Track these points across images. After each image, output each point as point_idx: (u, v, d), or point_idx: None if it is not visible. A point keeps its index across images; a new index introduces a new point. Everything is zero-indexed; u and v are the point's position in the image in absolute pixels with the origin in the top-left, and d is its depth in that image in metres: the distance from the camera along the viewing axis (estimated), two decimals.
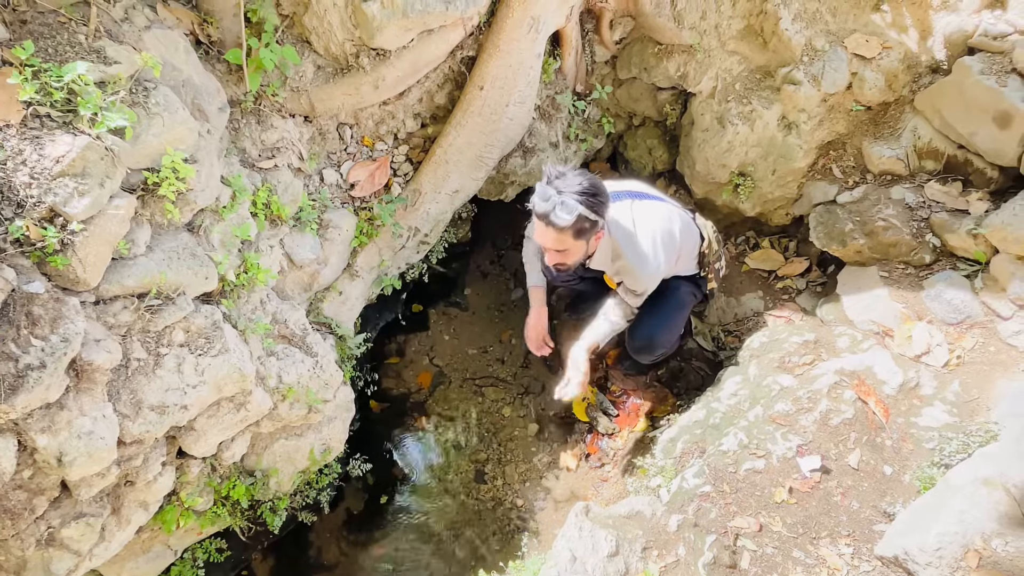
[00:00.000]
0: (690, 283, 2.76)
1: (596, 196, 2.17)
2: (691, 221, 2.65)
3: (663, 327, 2.72)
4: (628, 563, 1.98)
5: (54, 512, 1.79)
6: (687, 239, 2.59)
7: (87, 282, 1.69)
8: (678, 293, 2.73)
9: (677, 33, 3.02)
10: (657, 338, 2.73)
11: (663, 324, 2.72)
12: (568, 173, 2.18)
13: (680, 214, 2.58)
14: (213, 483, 2.34)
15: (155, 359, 1.87)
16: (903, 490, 2.08)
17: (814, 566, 1.94)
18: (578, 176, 2.17)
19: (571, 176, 2.17)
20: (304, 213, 2.57)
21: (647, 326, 2.72)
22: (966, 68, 2.54)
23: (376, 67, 2.56)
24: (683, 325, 2.83)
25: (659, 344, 2.75)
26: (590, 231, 2.22)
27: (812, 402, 2.32)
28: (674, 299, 2.72)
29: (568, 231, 2.17)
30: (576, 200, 2.12)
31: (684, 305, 2.76)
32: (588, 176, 2.19)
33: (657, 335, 2.72)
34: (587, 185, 2.15)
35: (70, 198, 1.58)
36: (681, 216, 2.58)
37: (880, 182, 2.82)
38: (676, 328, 2.77)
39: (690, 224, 2.63)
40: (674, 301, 2.73)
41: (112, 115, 1.65)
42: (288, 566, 2.92)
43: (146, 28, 1.94)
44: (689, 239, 2.61)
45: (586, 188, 2.14)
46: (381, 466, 3.18)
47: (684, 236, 2.55)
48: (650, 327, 2.72)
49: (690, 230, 2.61)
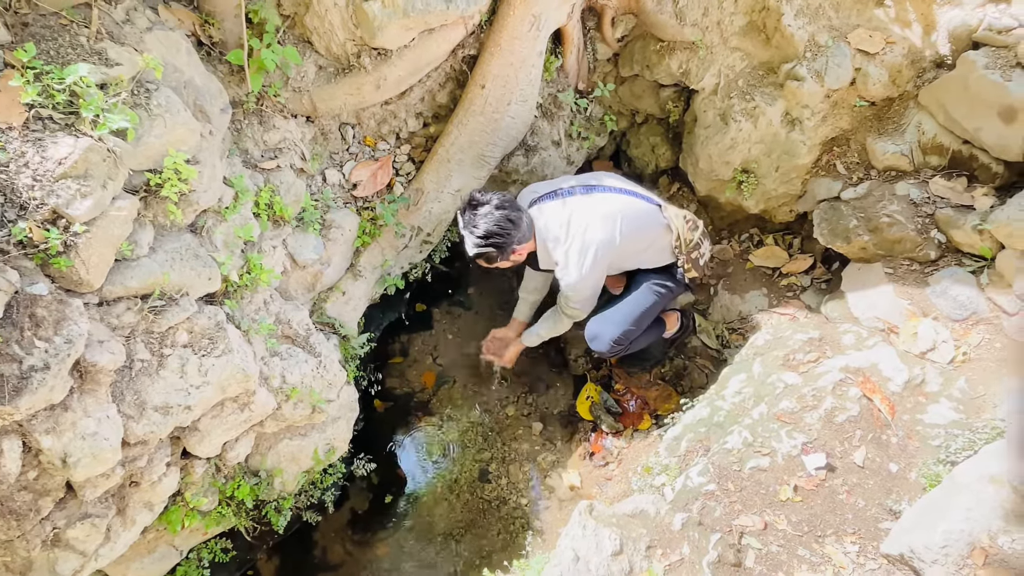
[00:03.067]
0: (660, 274, 2.77)
1: (495, 237, 2.44)
2: (655, 212, 2.65)
3: (611, 320, 2.73)
4: (632, 562, 1.98)
5: (59, 513, 1.80)
6: (642, 234, 2.61)
7: (90, 283, 1.70)
8: (640, 287, 2.75)
9: (679, 30, 3.01)
10: (605, 332, 2.73)
11: (612, 317, 2.73)
12: (481, 206, 2.45)
13: (635, 207, 2.60)
14: (218, 483, 2.34)
15: (159, 360, 1.88)
16: (909, 488, 2.07)
17: (819, 564, 1.94)
18: (488, 211, 2.44)
19: (482, 211, 2.45)
20: (307, 213, 2.58)
21: (596, 318, 2.77)
22: (971, 63, 2.52)
23: (378, 67, 2.56)
24: (644, 320, 2.78)
25: (607, 338, 2.72)
26: (499, 257, 2.52)
27: (817, 400, 2.31)
28: (633, 293, 2.74)
29: (479, 259, 2.54)
30: (475, 242, 2.46)
31: (644, 299, 2.75)
32: (499, 210, 2.44)
33: (605, 329, 2.73)
34: (490, 228, 2.43)
35: (72, 200, 1.58)
36: (635, 208, 2.60)
37: (884, 178, 2.80)
38: (628, 322, 2.72)
39: (652, 217, 2.64)
40: (633, 296, 2.74)
41: (114, 117, 1.66)
42: (293, 566, 2.93)
43: (147, 30, 1.94)
44: (647, 233, 2.63)
45: (488, 231, 2.43)
46: (385, 466, 3.18)
47: (636, 232, 2.57)
48: (599, 319, 2.77)
49: (650, 222, 2.63)
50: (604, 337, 2.73)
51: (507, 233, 2.45)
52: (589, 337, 2.78)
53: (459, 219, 2.52)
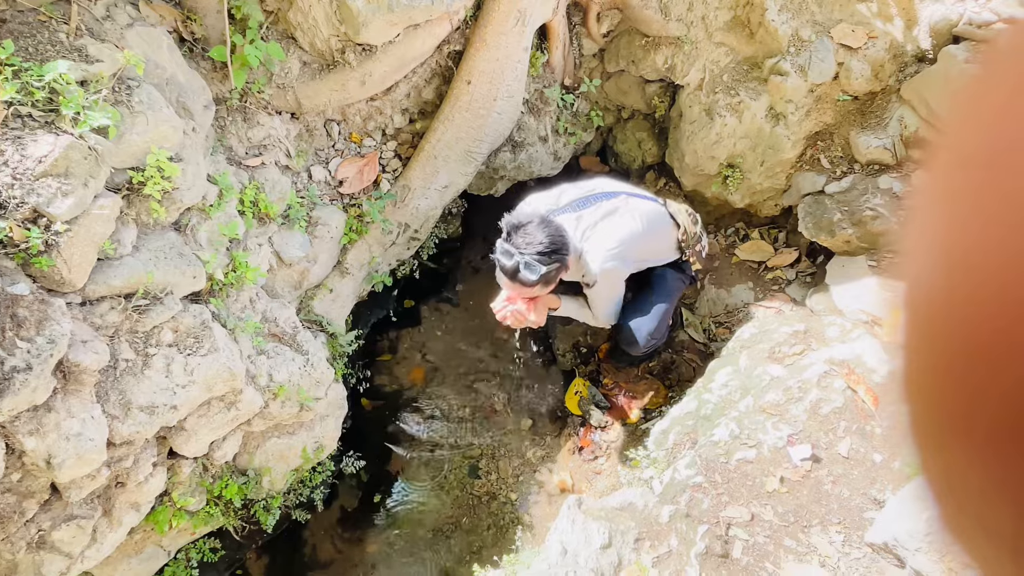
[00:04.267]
0: (674, 269, 2.78)
1: (557, 251, 2.26)
2: (660, 210, 2.66)
3: (650, 318, 2.72)
4: (621, 555, 1.99)
5: (44, 515, 1.78)
6: (656, 231, 2.61)
7: (73, 283, 1.68)
8: (663, 282, 2.74)
9: (664, 25, 3.02)
10: (643, 329, 2.72)
11: (650, 315, 2.72)
12: (527, 226, 2.26)
13: (646, 206, 2.60)
14: (205, 483, 2.33)
15: (143, 359, 1.87)
16: (893, 477, 2.09)
17: (805, 554, 1.96)
18: (537, 230, 2.24)
19: (531, 231, 2.25)
20: (292, 211, 2.56)
21: (633, 318, 2.73)
22: (951, 57, 2.55)
23: (362, 63, 2.54)
24: (671, 313, 2.81)
25: (645, 335, 2.73)
26: (556, 276, 2.34)
27: (802, 392, 2.34)
28: (660, 289, 2.73)
29: (536, 285, 2.28)
30: (538, 261, 2.23)
31: (671, 292, 2.76)
32: (546, 226, 2.26)
33: (644, 326, 2.72)
34: (547, 242, 2.23)
35: (53, 198, 1.57)
36: (647, 208, 2.60)
37: (868, 172, 2.83)
38: (663, 317, 2.75)
39: (659, 213, 2.64)
40: (660, 291, 2.74)
41: (95, 114, 1.64)
42: (283, 564, 2.92)
43: (128, 26, 1.92)
44: (660, 230, 2.63)
45: (547, 246, 2.23)
46: (375, 463, 3.18)
47: (651, 229, 2.57)
48: (637, 319, 2.73)
49: (660, 220, 2.63)
50: (642, 331, 2.70)
51: (565, 243, 2.30)
52: (625, 338, 2.75)
53: (505, 248, 2.27)
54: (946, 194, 0.24)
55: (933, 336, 0.24)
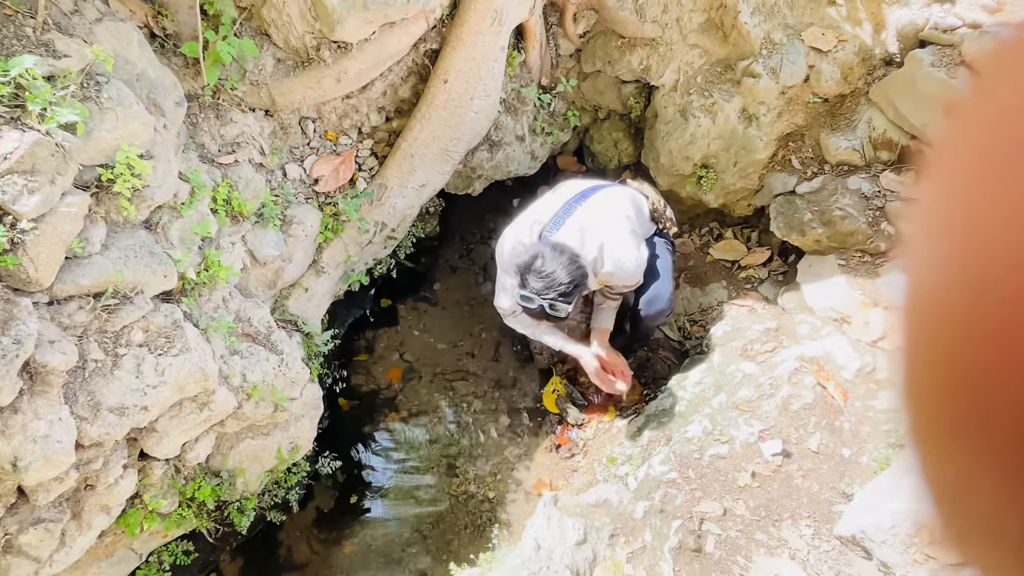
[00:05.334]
0: (660, 238, 2.86)
1: (577, 284, 2.25)
2: (631, 191, 2.73)
3: (663, 280, 2.74)
4: (596, 550, 2.01)
5: (11, 519, 1.75)
6: (639, 209, 2.68)
7: (39, 282, 1.65)
8: (657, 250, 2.79)
9: (639, 26, 3.05)
10: (663, 290, 2.73)
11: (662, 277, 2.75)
12: (537, 265, 2.23)
13: (622, 192, 2.66)
14: (177, 485, 2.30)
15: (113, 360, 1.84)
16: (861, 471, 2.14)
17: (776, 547, 2.00)
18: (552, 266, 2.22)
19: (546, 269, 2.22)
20: (267, 209, 2.54)
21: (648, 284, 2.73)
22: (918, 60, 2.61)
23: (338, 60, 2.53)
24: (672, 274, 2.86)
25: (666, 295, 2.73)
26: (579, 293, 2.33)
27: (774, 388, 2.38)
28: (661, 257, 2.79)
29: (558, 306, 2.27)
30: (561, 301, 2.24)
31: (666, 257, 2.82)
32: (557, 258, 2.23)
33: (662, 288, 2.73)
34: (566, 280, 2.22)
35: (19, 196, 1.54)
36: (624, 193, 2.66)
37: (837, 172, 2.89)
38: (670, 278, 2.79)
39: (632, 194, 2.71)
40: (661, 259, 2.78)
41: (62, 110, 1.61)
42: (258, 566, 2.89)
43: (97, 20, 1.89)
44: (640, 208, 2.71)
45: (566, 285, 2.21)
46: (351, 463, 3.16)
47: (636, 209, 2.64)
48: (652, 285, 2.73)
49: (636, 199, 2.70)
50: (663, 294, 2.71)
51: (582, 268, 2.30)
52: (648, 301, 2.74)
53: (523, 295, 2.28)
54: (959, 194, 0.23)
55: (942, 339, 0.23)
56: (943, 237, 0.24)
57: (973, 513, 0.23)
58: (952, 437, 0.24)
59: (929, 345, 0.24)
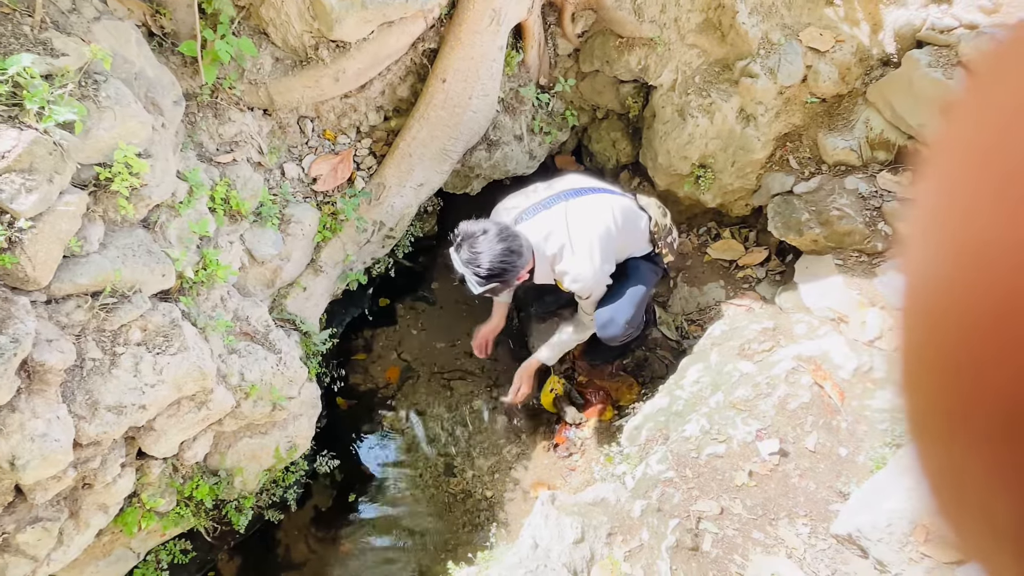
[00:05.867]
0: (647, 261, 2.80)
1: (498, 275, 2.32)
2: (632, 204, 2.68)
3: (620, 305, 2.71)
4: (593, 549, 2.02)
5: (8, 517, 1.74)
6: (630, 225, 2.63)
7: (37, 281, 1.65)
8: (638, 272, 2.76)
9: (637, 26, 3.05)
10: (619, 315, 2.70)
11: (621, 303, 2.71)
12: (477, 240, 2.30)
13: (618, 202, 2.61)
14: (175, 483, 2.30)
15: (111, 359, 1.84)
16: (857, 470, 2.15)
17: (773, 546, 2.00)
18: (489, 246, 2.29)
19: (479, 247, 2.29)
20: (265, 208, 2.54)
21: (608, 305, 2.73)
22: (915, 61, 2.62)
23: (336, 59, 2.53)
24: (646, 302, 2.81)
25: (623, 324, 2.71)
26: (504, 287, 2.42)
27: (771, 387, 2.38)
28: (634, 278, 2.75)
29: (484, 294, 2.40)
30: (477, 283, 2.33)
31: (644, 282, 2.77)
32: (500, 243, 2.30)
33: (618, 313, 2.70)
34: (488, 266, 2.28)
35: (17, 194, 1.54)
36: (620, 203, 2.61)
37: (835, 172, 2.90)
38: (637, 305, 2.73)
39: (631, 208, 2.66)
40: (633, 279, 2.75)
41: (60, 109, 1.61)
42: (255, 565, 2.89)
43: (95, 19, 1.89)
44: (633, 224, 2.64)
45: (487, 270, 2.29)
46: (349, 462, 3.16)
47: (626, 224, 2.59)
48: (612, 306, 2.72)
49: (633, 214, 2.65)
50: (618, 320, 2.68)
51: (512, 265, 2.34)
52: (601, 324, 2.73)
53: (454, 256, 2.37)
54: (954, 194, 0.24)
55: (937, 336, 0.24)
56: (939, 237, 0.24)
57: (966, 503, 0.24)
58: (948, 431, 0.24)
59: (925, 342, 0.25)
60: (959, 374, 0.23)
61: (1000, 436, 0.21)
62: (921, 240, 0.25)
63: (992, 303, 0.21)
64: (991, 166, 0.22)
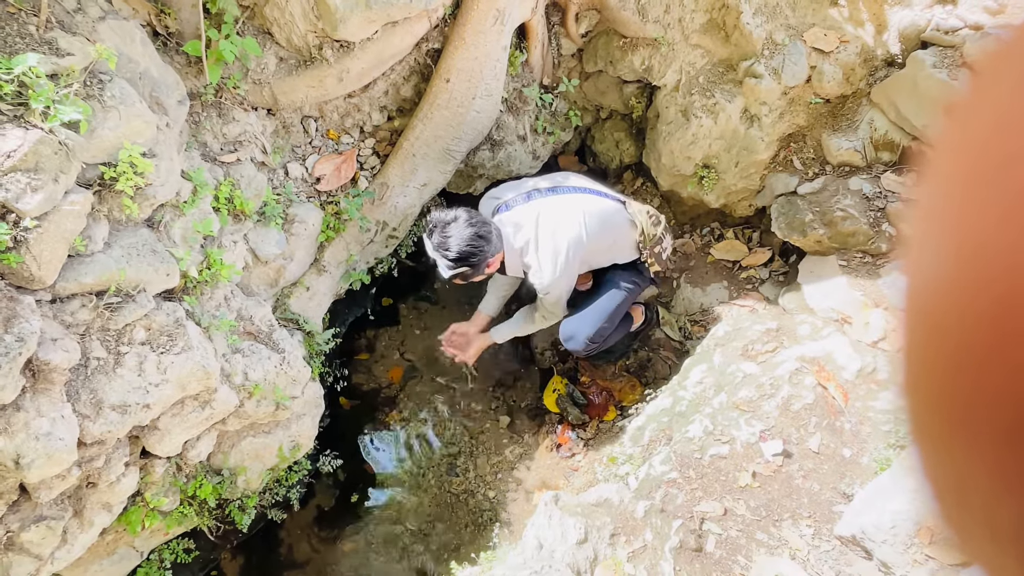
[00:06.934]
0: (629, 271, 2.78)
1: (465, 260, 2.40)
2: (616, 210, 2.66)
3: (585, 319, 2.72)
4: (596, 549, 2.02)
5: (13, 516, 1.75)
6: (608, 231, 2.61)
7: (42, 280, 1.65)
8: (613, 283, 2.75)
9: (641, 26, 3.05)
10: (581, 331, 2.72)
11: (586, 316, 2.73)
12: (449, 227, 2.38)
13: (598, 205, 2.60)
14: (179, 483, 2.30)
15: (115, 358, 1.84)
16: (861, 471, 2.15)
17: (777, 547, 2.00)
18: (458, 231, 2.36)
19: (450, 233, 2.37)
20: (268, 208, 2.54)
21: (571, 319, 2.75)
22: (919, 62, 2.61)
23: (340, 59, 2.53)
24: (618, 315, 2.79)
25: (582, 337, 2.72)
26: (473, 274, 2.48)
27: (774, 388, 2.38)
28: (608, 289, 2.75)
29: (454, 279, 2.50)
30: (446, 267, 2.42)
31: (617, 296, 2.75)
32: (469, 228, 2.37)
33: (582, 328, 2.72)
34: (456, 251, 2.37)
35: (22, 194, 1.54)
36: (599, 207, 2.60)
37: (839, 173, 2.89)
38: (606, 319, 2.73)
39: (613, 213, 2.64)
40: (606, 290, 2.75)
41: (65, 108, 1.62)
42: (258, 564, 2.90)
43: (100, 19, 1.89)
44: (612, 230, 2.63)
45: (455, 254, 2.37)
46: (352, 462, 3.16)
47: (602, 230, 2.58)
48: (573, 320, 2.75)
49: (613, 220, 2.63)
50: (580, 336, 2.71)
51: (480, 250, 2.40)
52: (565, 337, 2.77)
53: (426, 242, 2.46)
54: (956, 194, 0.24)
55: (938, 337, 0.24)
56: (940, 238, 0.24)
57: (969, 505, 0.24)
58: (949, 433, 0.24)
59: (926, 343, 0.25)
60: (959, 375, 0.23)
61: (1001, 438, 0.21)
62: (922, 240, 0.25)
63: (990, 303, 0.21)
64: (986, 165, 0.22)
